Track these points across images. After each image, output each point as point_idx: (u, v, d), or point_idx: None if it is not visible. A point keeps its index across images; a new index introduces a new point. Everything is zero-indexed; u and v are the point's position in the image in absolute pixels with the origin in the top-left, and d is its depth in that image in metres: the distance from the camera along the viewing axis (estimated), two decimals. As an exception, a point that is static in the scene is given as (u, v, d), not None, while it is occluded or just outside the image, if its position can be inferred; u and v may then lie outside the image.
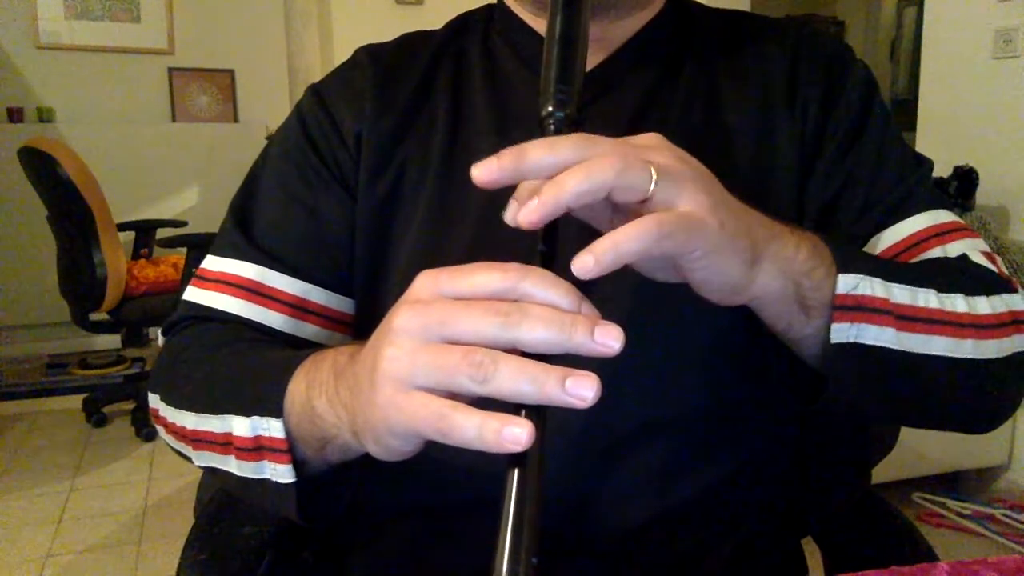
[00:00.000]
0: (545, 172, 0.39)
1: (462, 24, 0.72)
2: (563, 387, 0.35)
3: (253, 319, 0.63)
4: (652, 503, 0.58)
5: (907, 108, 2.67)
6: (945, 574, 0.48)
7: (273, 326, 0.63)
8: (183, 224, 3.30)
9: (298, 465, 0.50)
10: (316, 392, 0.47)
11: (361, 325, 0.67)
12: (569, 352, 0.36)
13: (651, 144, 0.43)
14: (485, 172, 0.40)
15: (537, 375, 0.35)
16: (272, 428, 0.49)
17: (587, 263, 0.38)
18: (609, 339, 0.36)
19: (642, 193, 0.40)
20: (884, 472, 1.51)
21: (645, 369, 0.57)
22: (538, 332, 0.36)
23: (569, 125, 0.45)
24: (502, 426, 0.35)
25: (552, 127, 0.45)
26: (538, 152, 0.39)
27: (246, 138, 3.86)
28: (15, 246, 3.53)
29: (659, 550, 0.60)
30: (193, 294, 0.65)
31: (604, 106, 0.63)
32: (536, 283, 0.37)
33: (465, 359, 0.36)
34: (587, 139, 0.40)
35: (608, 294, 0.42)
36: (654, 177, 0.40)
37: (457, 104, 0.66)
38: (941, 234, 0.61)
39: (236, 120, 4.07)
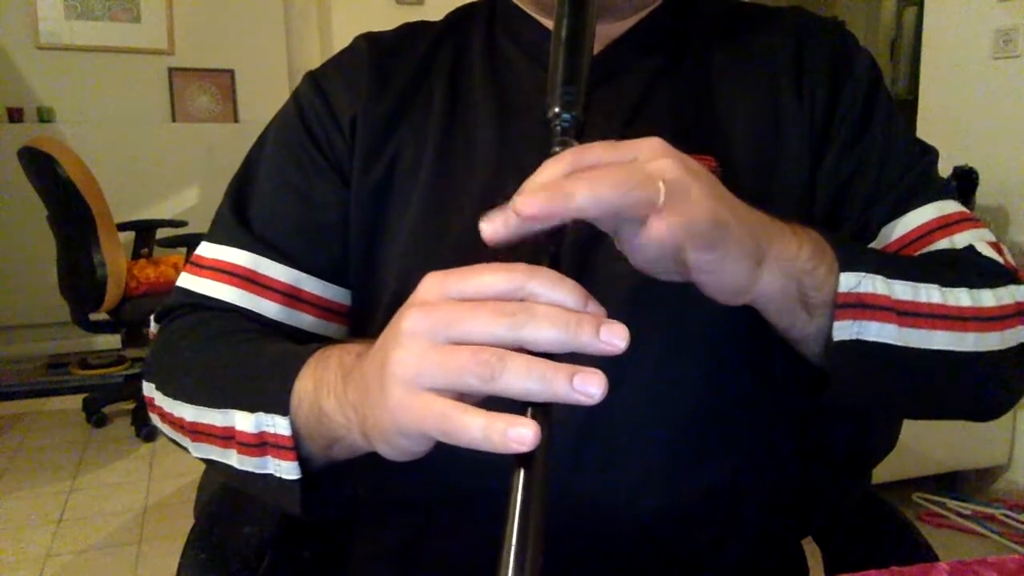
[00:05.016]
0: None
1: (464, 13, 0.72)
2: (571, 384, 0.35)
3: (247, 307, 0.62)
4: (653, 502, 0.58)
5: (907, 108, 2.67)
6: (945, 574, 0.48)
7: (267, 315, 0.62)
8: (183, 224, 3.30)
9: (302, 461, 0.50)
10: (324, 392, 0.48)
11: (357, 315, 0.66)
12: (575, 351, 0.36)
13: (652, 154, 0.43)
14: (492, 231, 0.39)
15: (545, 372, 0.35)
16: (278, 425, 0.49)
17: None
18: (615, 338, 0.36)
19: (650, 207, 0.40)
20: (884, 472, 1.51)
21: (646, 366, 0.57)
22: (545, 331, 0.36)
23: (575, 126, 0.46)
24: (507, 426, 0.35)
25: (559, 128, 0.46)
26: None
27: (246, 138, 3.73)
28: (15, 246, 3.53)
29: (661, 551, 0.60)
30: (187, 280, 0.65)
31: (603, 96, 0.62)
32: (542, 283, 0.37)
33: (472, 358, 0.36)
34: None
35: (609, 292, 0.42)
36: (662, 191, 0.40)
37: (455, 89, 0.66)
38: (948, 225, 0.62)
39: (236, 120, 4.07)
